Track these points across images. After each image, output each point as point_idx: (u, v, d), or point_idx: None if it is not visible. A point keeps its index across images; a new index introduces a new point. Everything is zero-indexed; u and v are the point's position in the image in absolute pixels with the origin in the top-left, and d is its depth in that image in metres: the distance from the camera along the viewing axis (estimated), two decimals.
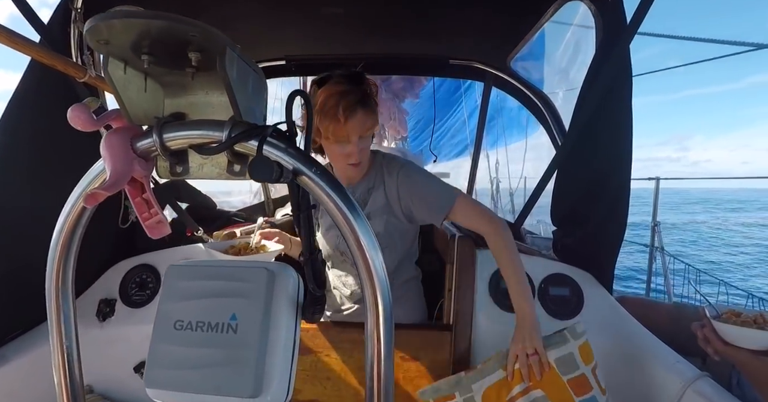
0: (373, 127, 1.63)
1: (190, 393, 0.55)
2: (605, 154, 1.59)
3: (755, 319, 1.27)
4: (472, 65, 2.37)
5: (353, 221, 0.52)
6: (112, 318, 1.78)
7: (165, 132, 0.54)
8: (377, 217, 1.75)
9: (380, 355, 0.54)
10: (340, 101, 1.52)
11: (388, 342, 0.54)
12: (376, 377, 0.55)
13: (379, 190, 1.75)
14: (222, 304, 0.56)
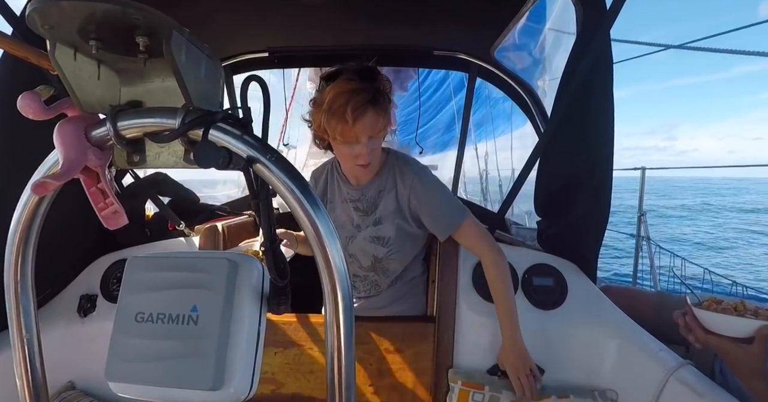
0: (386, 128, 1.55)
1: (152, 386, 0.54)
2: (587, 142, 1.59)
3: (736, 306, 1.28)
4: (456, 56, 2.36)
5: (311, 211, 0.51)
6: (94, 314, 1.77)
7: (119, 120, 0.52)
8: (388, 221, 1.71)
9: (340, 345, 0.53)
10: (349, 101, 1.43)
11: (348, 333, 0.53)
12: (336, 368, 0.54)
13: (390, 193, 1.70)
14: (183, 295, 0.55)
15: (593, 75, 1.49)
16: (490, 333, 1.68)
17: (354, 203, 1.75)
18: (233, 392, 0.54)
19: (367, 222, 1.73)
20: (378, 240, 1.72)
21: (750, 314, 1.24)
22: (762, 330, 1.16)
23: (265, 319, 0.59)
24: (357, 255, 1.77)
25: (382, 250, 1.72)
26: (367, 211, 1.73)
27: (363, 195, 1.73)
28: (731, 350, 1.21)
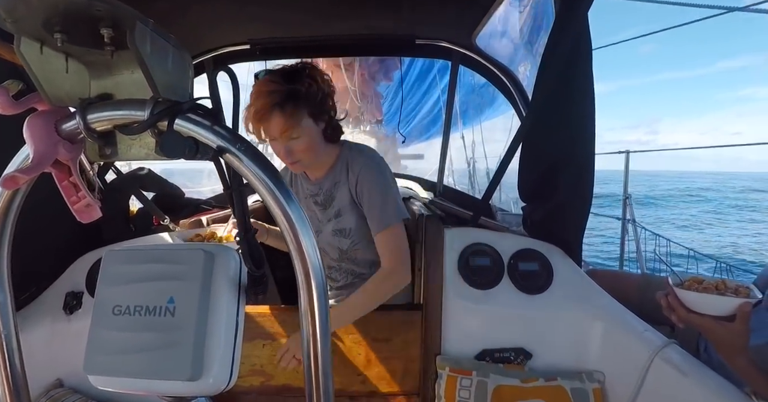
0: (292, 128, 1.53)
1: (131, 377, 0.54)
2: (568, 126, 1.60)
3: (717, 285, 1.29)
4: (438, 44, 2.36)
5: (282, 200, 0.51)
6: (80, 311, 1.76)
7: (89, 113, 0.52)
8: (347, 213, 1.73)
9: (315, 332, 0.54)
10: (254, 103, 1.50)
11: (323, 322, 0.54)
12: (312, 356, 0.54)
13: (344, 185, 1.71)
14: (159, 287, 0.55)
15: (572, 57, 1.50)
16: (477, 319, 1.69)
17: (313, 198, 1.79)
18: (212, 382, 0.55)
19: (328, 215, 1.77)
20: (340, 232, 1.75)
21: (731, 292, 1.26)
22: (743, 307, 1.18)
23: (243, 309, 0.60)
24: (325, 248, 1.82)
25: (346, 242, 1.75)
26: (325, 204, 1.77)
27: (320, 189, 1.76)
28: (713, 328, 1.23)
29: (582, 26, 1.48)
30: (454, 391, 1.58)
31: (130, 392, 0.57)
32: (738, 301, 1.19)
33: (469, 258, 1.74)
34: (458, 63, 2.45)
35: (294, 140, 1.55)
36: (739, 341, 1.21)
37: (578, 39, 1.49)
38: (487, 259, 1.76)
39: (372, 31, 2.22)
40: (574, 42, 1.49)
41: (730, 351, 1.25)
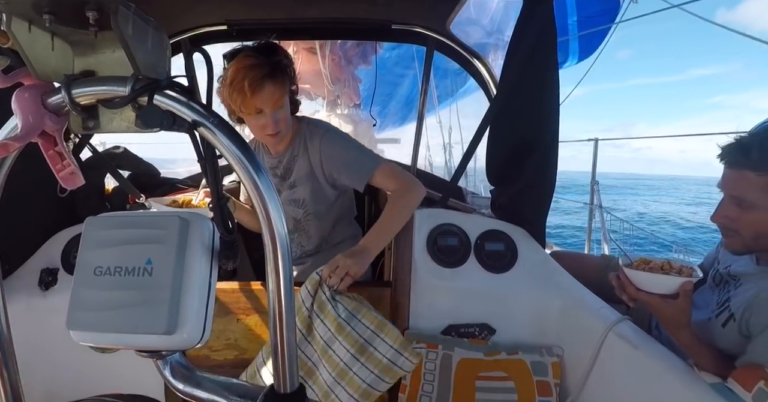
0: (283, 97, 1.65)
1: (110, 332, 0.58)
2: (533, 111, 1.67)
3: (662, 265, 1.39)
4: (413, 30, 2.39)
5: (252, 170, 0.56)
6: (55, 287, 1.78)
7: (73, 88, 0.56)
8: (302, 185, 1.83)
9: (281, 309, 0.58)
10: (246, 75, 1.55)
11: (287, 284, 0.58)
12: (279, 329, 0.59)
13: (303, 157, 1.80)
14: (138, 250, 0.59)
15: (538, 45, 1.57)
16: (444, 296, 1.76)
17: (273, 170, 1.88)
18: (186, 337, 0.59)
19: (284, 186, 1.87)
20: (294, 202, 1.87)
21: (675, 272, 1.35)
22: (685, 286, 1.27)
23: (216, 272, 0.64)
24: (300, 220, 1.91)
25: (299, 212, 1.85)
26: (283, 176, 1.87)
27: (280, 162, 1.85)
28: (659, 305, 1.32)
29: (547, 16, 1.55)
30: (421, 364, 1.64)
31: (109, 346, 0.61)
32: (681, 280, 1.28)
33: (438, 237, 1.81)
34: (433, 49, 2.49)
35: (280, 110, 1.65)
36: (682, 317, 1.31)
37: (544, 28, 1.56)
38: (454, 239, 1.83)
39: (349, 15, 2.25)
40: (540, 31, 1.55)
41: (673, 326, 1.34)
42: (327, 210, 1.87)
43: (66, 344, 1.74)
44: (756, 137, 1.30)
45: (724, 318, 1.38)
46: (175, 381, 0.67)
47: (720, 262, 1.58)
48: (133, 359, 1.73)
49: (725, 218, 1.37)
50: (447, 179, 3.43)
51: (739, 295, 1.37)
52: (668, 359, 1.36)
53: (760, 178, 1.25)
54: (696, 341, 1.34)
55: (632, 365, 1.44)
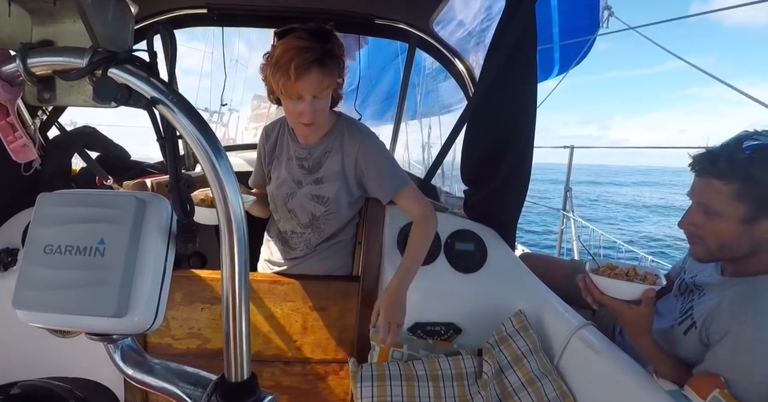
0: (330, 88, 1.59)
1: (58, 313, 0.56)
2: (510, 111, 1.68)
3: (627, 272, 1.41)
4: (396, 25, 2.39)
5: (210, 151, 0.54)
6: (14, 267, 1.73)
7: (29, 57, 0.54)
8: (330, 182, 1.76)
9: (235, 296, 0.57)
10: (294, 58, 1.48)
11: (242, 269, 0.57)
12: (232, 317, 0.58)
13: (336, 155, 1.75)
14: (91, 229, 0.57)
15: (517, 47, 1.57)
16: (411, 294, 1.75)
17: (300, 161, 1.80)
18: (137, 321, 0.57)
19: (309, 180, 1.78)
20: (318, 198, 1.77)
21: (640, 279, 1.37)
22: (647, 293, 1.29)
23: (172, 256, 0.62)
24: (296, 211, 1.83)
25: (321, 209, 1.77)
26: (311, 169, 1.79)
27: (310, 154, 1.78)
28: (621, 310, 1.34)
29: (529, 18, 1.55)
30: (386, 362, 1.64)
31: (56, 328, 0.59)
32: (643, 288, 1.30)
33: (408, 235, 1.80)
34: (414, 45, 2.49)
35: (319, 100, 1.58)
36: (643, 322, 1.33)
37: (525, 29, 1.56)
38: None
39: (332, 6, 2.23)
40: (521, 32, 1.55)
41: (635, 331, 1.36)
42: (347, 211, 1.82)
43: (22, 327, 1.69)
44: (725, 148, 1.32)
45: (686, 326, 1.40)
46: (126, 366, 0.65)
47: (686, 271, 1.60)
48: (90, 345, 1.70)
49: (691, 225, 1.39)
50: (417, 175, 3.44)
51: (702, 303, 1.39)
52: (628, 365, 1.37)
53: (725, 187, 1.28)
54: (656, 348, 1.36)
55: (593, 369, 1.45)
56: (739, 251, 1.33)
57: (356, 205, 1.84)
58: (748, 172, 1.24)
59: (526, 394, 1.51)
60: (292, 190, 1.81)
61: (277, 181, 1.85)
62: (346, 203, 1.78)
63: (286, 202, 1.83)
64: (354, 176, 1.76)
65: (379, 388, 1.47)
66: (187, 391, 0.63)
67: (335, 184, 1.75)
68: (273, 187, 1.87)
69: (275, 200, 1.87)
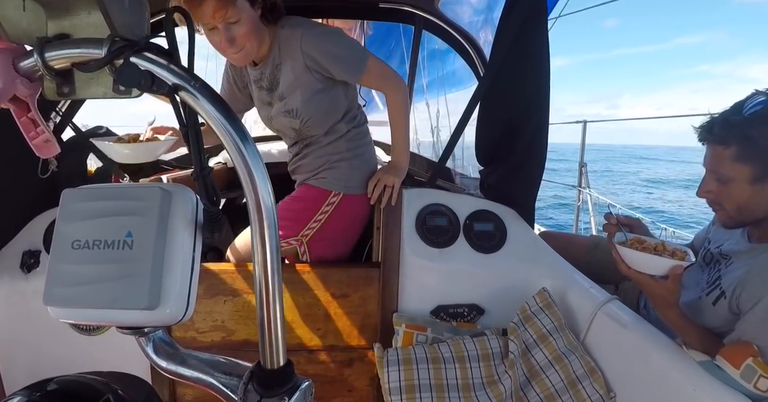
0: (229, 8, 1.48)
1: (90, 308, 0.56)
2: (523, 90, 1.66)
3: (656, 247, 1.39)
4: (401, 8, 2.36)
5: (237, 137, 0.53)
6: (38, 269, 1.75)
7: (46, 51, 0.53)
8: (291, 94, 1.73)
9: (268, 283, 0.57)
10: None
11: (274, 255, 0.56)
12: (266, 304, 0.57)
13: (285, 64, 1.70)
14: (118, 222, 0.57)
15: (528, 23, 1.54)
16: (433, 277, 1.76)
17: (258, 83, 1.81)
18: (169, 312, 0.56)
19: (275, 98, 1.79)
20: (288, 113, 1.77)
21: (668, 254, 1.35)
22: (675, 270, 1.27)
23: (200, 246, 0.62)
24: (282, 129, 1.88)
25: (296, 122, 1.78)
26: (271, 88, 1.78)
27: (263, 74, 1.77)
28: (648, 283, 1.32)
29: None
30: (411, 345, 1.64)
31: (88, 323, 0.59)
32: (672, 263, 1.28)
33: (426, 218, 1.80)
34: (421, 28, 2.46)
35: (234, 25, 1.53)
36: (671, 297, 1.31)
37: (534, 5, 1.53)
38: (443, 219, 1.82)
39: None
40: (530, 8, 1.53)
41: (662, 304, 1.35)
42: (324, 113, 1.78)
43: (49, 327, 1.73)
44: (720, 114, 1.34)
45: (714, 296, 1.39)
46: (159, 358, 0.65)
47: (711, 241, 1.58)
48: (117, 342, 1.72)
49: (708, 193, 1.40)
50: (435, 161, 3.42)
51: (731, 272, 1.38)
52: (657, 338, 1.36)
53: (727, 151, 1.29)
54: (684, 320, 1.35)
55: (621, 344, 1.45)
56: (759, 212, 1.33)
57: (328, 96, 1.77)
58: (745, 133, 1.25)
59: (554, 371, 1.51)
60: (268, 112, 1.83)
61: (257, 107, 1.89)
62: (316, 107, 1.75)
63: (271, 124, 1.87)
64: (310, 72, 1.69)
65: (406, 371, 1.47)
66: (222, 380, 0.63)
67: (296, 93, 1.72)
68: (259, 113, 1.92)
69: (266, 124, 1.92)
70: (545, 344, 1.55)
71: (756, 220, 1.36)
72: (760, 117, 1.24)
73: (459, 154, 3.66)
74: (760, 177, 1.27)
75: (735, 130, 1.27)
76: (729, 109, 1.33)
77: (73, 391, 0.66)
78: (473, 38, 2.46)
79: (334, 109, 1.80)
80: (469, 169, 3.44)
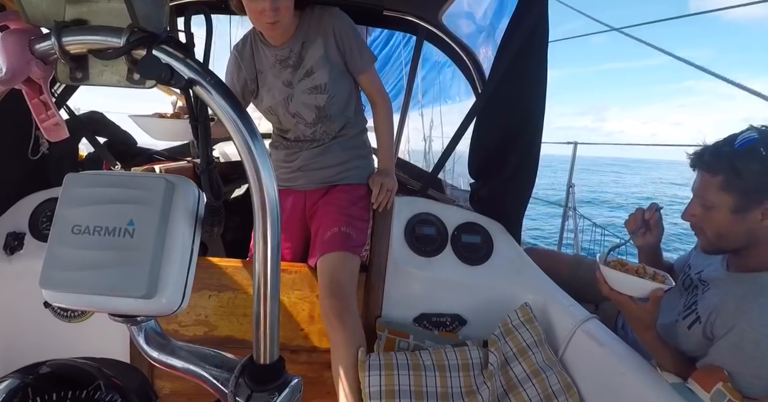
0: None
1: (86, 294, 0.56)
2: (520, 106, 1.68)
3: (637, 269, 1.42)
4: (405, 18, 2.38)
5: (246, 132, 0.54)
6: (21, 252, 1.73)
7: (64, 35, 0.54)
8: (320, 69, 1.73)
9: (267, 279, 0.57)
10: None
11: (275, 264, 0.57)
12: (263, 299, 0.58)
13: (316, 41, 1.72)
14: (120, 210, 0.57)
15: (529, 43, 1.57)
16: (418, 285, 1.77)
17: (284, 61, 1.77)
18: (165, 302, 0.57)
19: (299, 75, 1.76)
20: (316, 89, 1.75)
21: (648, 278, 1.38)
22: (656, 292, 1.30)
23: (199, 238, 0.62)
24: (300, 112, 1.80)
25: (323, 98, 1.76)
26: (296, 65, 1.76)
27: (291, 51, 1.75)
28: (628, 306, 1.36)
29: (542, 14, 1.56)
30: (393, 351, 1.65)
31: (83, 308, 0.59)
32: (654, 286, 1.31)
33: (416, 226, 1.81)
34: (423, 38, 2.48)
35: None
36: (649, 318, 1.35)
37: (536, 27, 1.57)
38: (432, 229, 1.84)
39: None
40: (532, 29, 1.56)
41: (640, 326, 1.38)
42: (348, 91, 1.82)
43: (29, 310, 1.71)
44: (713, 144, 1.38)
45: (690, 320, 1.41)
46: (150, 348, 0.65)
47: (691, 267, 1.61)
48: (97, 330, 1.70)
49: (692, 216, 1.44)
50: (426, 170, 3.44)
51: (707, 299, 1.41)
52: (632, 358, 1.39)
53: (714, 179, 1.34)
54: (660, 342, 1.38)
55: (598, 362, 1.47)
56: (737, 241, 1.36)
57: (352, 82, 1.85)
58: (732, 165, 1.29)
59: (531, 385, 1.52)
60: (288, 94, 1.78)
61: (270, 92, 1.81)
62: (342, 83, 1.79)
63: (287, 107, 1.80)
64: (339, 52, 1.75)
65: (387, 377, 1.48)
66: (214, 373, 0.63)
67: (326, 68, 1.73)
68: (267, 101, 1.82)
69: (276, 111, 1.83)
70: (524, 358, 1.57)
71: (733, 248, 1.40)
72: (748, 152, 1.28)
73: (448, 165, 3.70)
74: (740, 208, 1.31)
75: (724, 160, 1.31)
76: (722, 140, 1.37)
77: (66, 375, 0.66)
78: (473, 53, 2.48)
79: (351, 94, 1.84)
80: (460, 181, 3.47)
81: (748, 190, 1.29)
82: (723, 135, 1.39)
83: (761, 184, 1.27)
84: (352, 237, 1.70)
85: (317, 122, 1.81)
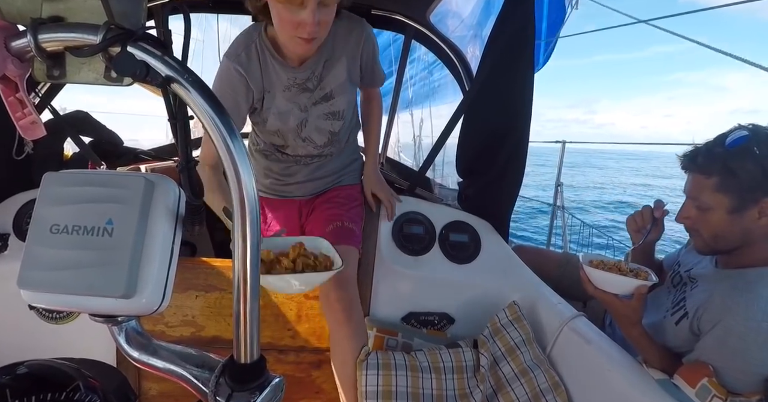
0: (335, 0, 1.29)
1: (64, 294, 0.55)
2: (507, 105, 1.69)
3: (620, 267, 1.44)
4: (393, 17, 2.38)
5: (224, 131, 0.53)
6: (5, 253, 1.71)
7: (40, 33, 0.53)
8: (340, 95, 1.61)
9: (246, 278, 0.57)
10: None
11: (254, 250, 0.56)
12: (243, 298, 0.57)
13: (339, 61, 1.55)
14: (99, 209, 0.56)
15: (516, 42, 1.58)
16: (406, 284, 1.77)
17: (300, 85, 1.57)
18: (145, 302, 0.56)
19: (316, 99, 1.60)
20: (333, 115, 1.64)
21: (632, 274, 1.40)
22: (640, 289, 1.33)
23: (179, 237, 0.61)
24: (312, 136, 1.69)
25: (338, 124, 1.68)
26: (314, 88, 1.59)
27: (313, 72, 1.55)
28: (613, 303, 1.39)
29: (528, 13, 1.56)
30: (382, 349, 1.65)
31: (62, 309, 0.58)
32: (637, 283, 1.34)
33: (404, 225, 1.81)
34: (411, 37, 2.49)
35: (326, 9, 1.28)
36: (634, 315, 1.37)
37: (524, 25, 1.57)
38: (420, 228, 1.84)
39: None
40: (520, 27, 1.57)
41: (625, 323, 1.40)
42: (355, 105, 1.78)
43: (15, 311, 1.69)
44: (705, 144, 1.39)
45: (678, 316, 1.43)
46: (130, 348, 0.65)
47: (681, 264, 1.63)
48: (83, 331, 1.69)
49: (686, 219, 1.44)
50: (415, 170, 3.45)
51: (695, 295, 1.42)
52: (619, 355, 1.40)
53: (708, 181, 1.34)
54: (646, 339, 1.40)
55: (585, 359, 1.48)
56: (734, 241, 1.37)
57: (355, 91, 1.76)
58: (726, 165, 1.30)
59: (520, 385, 1.53)
60: (302, 118, 1.62)
61: (281, 117, 1.61)
62: (353, 102, 1.73)
63: (299, 132, 1.66)
64: (359, 72, 1.64)
65: (385, 377, 1.48)
66: (194, 372, 0.63)
67: (344, 95, 1.60)
68: (275, 125, 1.63)
69: (284, 135, 1.67)
70: (513, 357, 1.58)
71: (730, 248, 1.40)
72: (741, 151, 1.29)
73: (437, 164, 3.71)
74: (737, 208, 1.32)
75: (717, 161, 1.32)
76: (712, 140, 1.37)
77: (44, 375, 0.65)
78: (461, 52, 2.49)
79: (356, 106, 1.82)
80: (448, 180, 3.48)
81: (743, 190, 1.30)
82: (713, 128, 1.40)
83: (756, 183, 1.28)
84: (354, 232, 1.69)
85: (326, 146, 1.73)
